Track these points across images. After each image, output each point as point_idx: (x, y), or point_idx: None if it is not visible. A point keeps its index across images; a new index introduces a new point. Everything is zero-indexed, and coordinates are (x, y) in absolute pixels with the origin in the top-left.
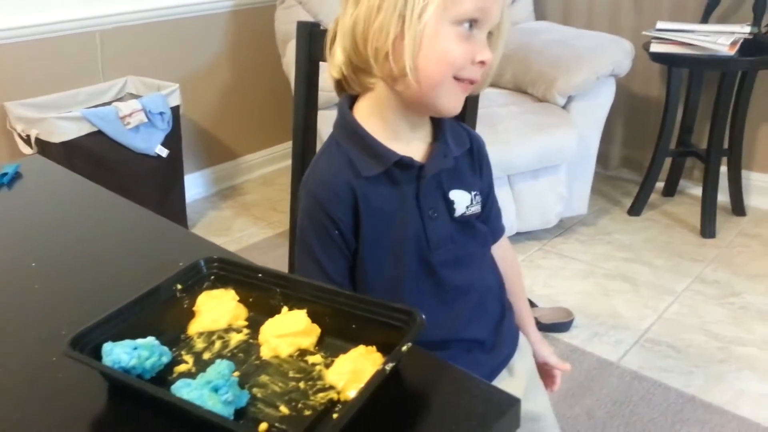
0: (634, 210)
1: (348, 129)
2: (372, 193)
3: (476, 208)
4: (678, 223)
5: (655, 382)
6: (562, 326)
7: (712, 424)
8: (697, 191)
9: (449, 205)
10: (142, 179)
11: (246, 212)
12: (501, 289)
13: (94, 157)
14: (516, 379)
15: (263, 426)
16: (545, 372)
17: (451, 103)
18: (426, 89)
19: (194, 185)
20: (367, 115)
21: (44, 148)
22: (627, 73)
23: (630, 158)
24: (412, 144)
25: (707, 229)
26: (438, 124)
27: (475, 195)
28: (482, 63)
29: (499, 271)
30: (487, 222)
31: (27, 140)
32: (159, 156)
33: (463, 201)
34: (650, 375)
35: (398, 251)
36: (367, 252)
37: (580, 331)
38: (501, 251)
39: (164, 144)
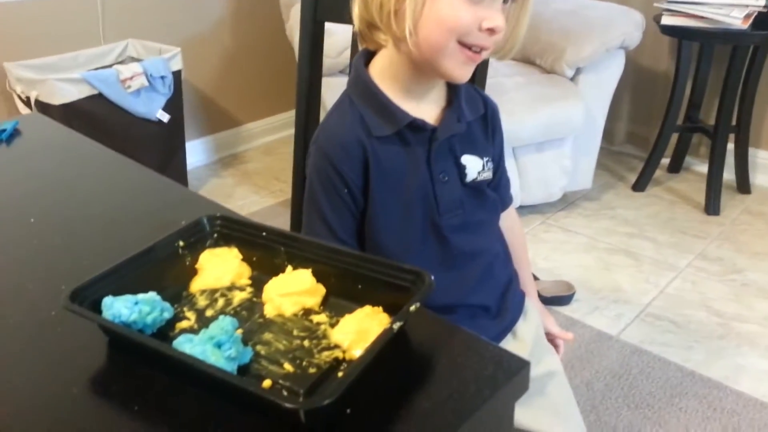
0: (639, 185)
1: (362, 87)
2: (383, 152)
3: (487, 174)
4: (682, 199)
5: (655, 356)
6: (564, 299)
7: (710, 398)
8: (703, 168)
9: (461, 170)
10: (142, 144)
11: (247, 180)
12: (508, 257)
13: (94, 120)
14: (520, 341)
15: (267, 382)
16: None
17: (456, 69)
18: (427, 53)
19: (195, 152)
20: (381, 72)
21: (44, 109)
22: (636, 46)
23: (636, 134)
24: (424, 105)
25: (712, 206)
26: (453, 88)
27: (487, 161)
28: (491, 30)
29: (505, 241)
30: (496, 190)
31: (27, 102)
32: (160, 121)
33: (474, 166)
34: (650, 349)
35: (407, 213)
36: (376, 213)
37: (581, 304)
38: (508, 222)
39: (165, 109)
